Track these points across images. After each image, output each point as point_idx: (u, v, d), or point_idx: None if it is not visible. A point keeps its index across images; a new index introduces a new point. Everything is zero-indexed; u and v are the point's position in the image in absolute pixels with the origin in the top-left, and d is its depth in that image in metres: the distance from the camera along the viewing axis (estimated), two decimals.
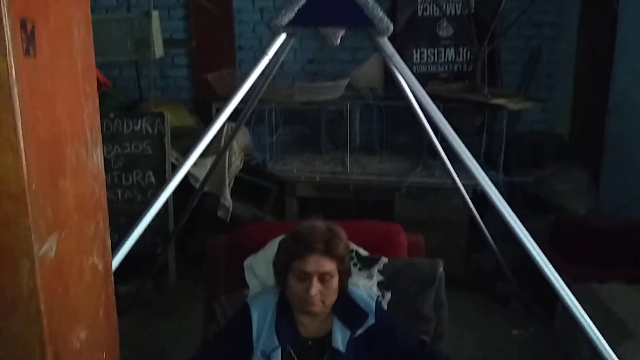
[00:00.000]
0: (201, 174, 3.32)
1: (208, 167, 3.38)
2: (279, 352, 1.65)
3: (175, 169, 3.27)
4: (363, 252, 1.95)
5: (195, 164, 2.27)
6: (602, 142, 4.03)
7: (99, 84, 2.47)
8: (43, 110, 0.94)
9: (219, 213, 3.45)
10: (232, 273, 2.03)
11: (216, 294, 1.99)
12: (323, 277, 1.63)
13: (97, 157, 1.16)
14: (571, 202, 3.90)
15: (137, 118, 3.17)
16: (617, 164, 3.91)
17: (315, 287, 1.62)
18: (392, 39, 2.29)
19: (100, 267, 1.16)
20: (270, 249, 1.91)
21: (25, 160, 0.87)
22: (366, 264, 1.90)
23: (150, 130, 3.16)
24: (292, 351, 1.67)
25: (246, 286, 1.97)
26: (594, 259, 3.22)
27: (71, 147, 1.04)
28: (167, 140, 3.16)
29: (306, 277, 1.63)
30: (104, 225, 1.21)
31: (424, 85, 2.25)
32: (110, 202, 1.28)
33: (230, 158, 3.45)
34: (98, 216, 1.17)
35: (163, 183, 3.17)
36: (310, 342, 1.70)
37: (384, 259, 1.92)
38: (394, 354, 1.73)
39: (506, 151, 3.62)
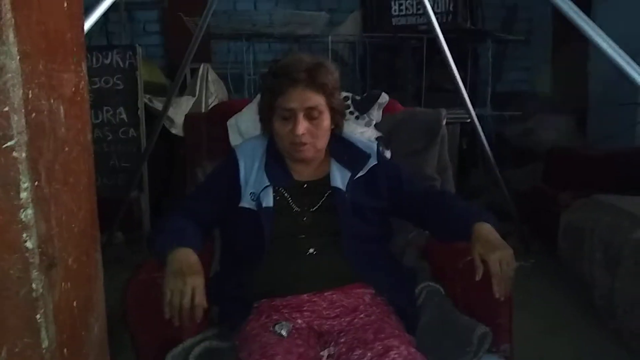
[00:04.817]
0: (176, 115, 3.13)
1: (183, 107, 3.20)
2: (269, 192, 1.44)
3: (147, 107, 3.10)
4: (358, 97, 1.77)
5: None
6: (585, 88, 3.99)
7: None
8: None
9: None
10: (213, 142, 1.84)
11: (198, 162, 1.79)
12: (310, 114, 1.42)
13: None
14: None
15: (107, 51, 2.97)
16: (603, 107, 3.86)
17: (302, 124, 1.41)
18: None
19: None
20: (256, 104, 1.73)
21: None
22: (363, 107, 1.72)
23: (121, 63, 2.96)
24: (285, 192, 1.47)
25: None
26: (586, 187, 3.12)
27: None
28: (139, 74, 2.97)
29: (291, 115, 1.42)
30: None
31: None
32: None
33: (207, 100, 3.28)
34: None
35: (135, 120, 3.00)
36: (305, 185, 1.51)
37: (384, 97, 1.74)
38: (400, 193, 1.54)
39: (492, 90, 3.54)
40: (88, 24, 1.50)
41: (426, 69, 3.46)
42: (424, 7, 2.63)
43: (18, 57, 0.73)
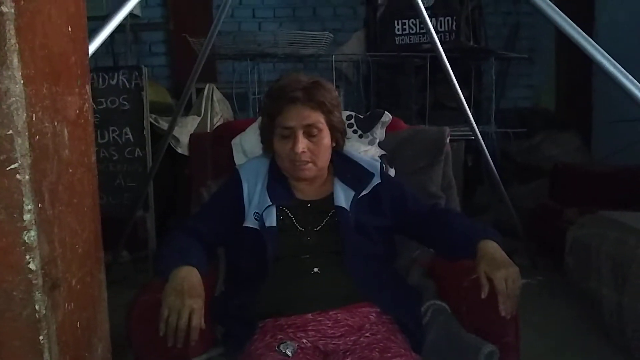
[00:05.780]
0: (181, 134, 3.15)
1: (188, 126, 3.22)
2: (272, 211, 1.45)
3: (153, 127, 3.12)
4: (361, 115, 1.78)
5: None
6: (590, 104, 4.00)
7: None
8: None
9: None
10: (218, 161, 1.85)
11: (203, 181, 1.80)
12: (309, 132, 1.43)
13: None
14: None
15: (113, 72, 3.00)
16: (608, 124, 3.85)
17: (301, 142, 1.42)
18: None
19: None
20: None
21: None
22: (367, 125, 1.73)
23: (127, 84, 2.98)
24: (289, 212, 1.47)
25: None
26: (592, 203, 3.11)
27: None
28: (145, 95, 2.99)
29: (290, 134, 1.44)
30: None
31: None
32: None
33: (212, 119, 3.30)
34: None
35: (141, 140, 3.01)
36: (309, 205, 1.51)
37: (387, 116, 1.75)
38: (404, 212, 1.54)
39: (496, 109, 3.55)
40: (93, 47, 1.52)
41: (430, 87, 3.47)
42: (427, 26, 2.65)
43: (22, 81, 0.75)
